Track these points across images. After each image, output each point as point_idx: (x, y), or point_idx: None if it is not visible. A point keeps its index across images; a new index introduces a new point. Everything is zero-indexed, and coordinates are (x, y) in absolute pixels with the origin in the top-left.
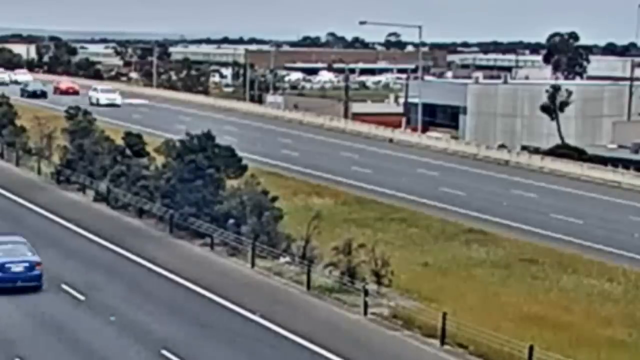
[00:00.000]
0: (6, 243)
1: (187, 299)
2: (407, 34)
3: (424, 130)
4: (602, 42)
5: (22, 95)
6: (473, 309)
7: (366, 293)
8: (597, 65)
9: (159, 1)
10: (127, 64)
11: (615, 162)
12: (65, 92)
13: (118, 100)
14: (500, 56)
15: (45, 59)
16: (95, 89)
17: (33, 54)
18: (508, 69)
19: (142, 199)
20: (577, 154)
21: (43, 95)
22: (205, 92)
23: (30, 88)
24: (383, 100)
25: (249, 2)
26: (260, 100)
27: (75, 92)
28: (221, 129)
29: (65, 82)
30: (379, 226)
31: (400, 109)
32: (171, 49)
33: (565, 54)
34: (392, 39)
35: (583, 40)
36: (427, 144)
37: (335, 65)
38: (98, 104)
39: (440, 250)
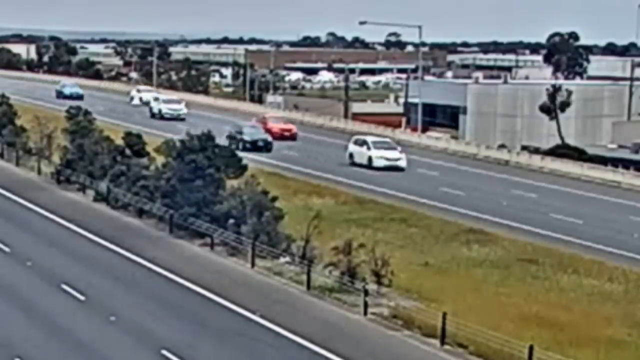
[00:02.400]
0: None
1: (187, 298)
2: (407, 34)
3: (424, 130)
4: (602, 42)
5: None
6: (473, 309)
7: (366, 293)
8: (597, 65)
9: (159, 1)
10: (127, 64)
11: (615, 162)
12: (280, 136)
13: (183, 111)
14: (500, 56)
15: (45, 59)
16: (156, 99)
17: (33, 54)
18: (508, 69)
19: (142, 199)
20: (577, 154)
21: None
22: (205, 92)
23: (249, 137)
24: (383, 100)
25: (249, 2)
26: (260, 100)
27: (293, 136)
28: (221, 129)
29: (275, 119)
30: (379, 226)
31: (400, 109)
32: (171, 49)
33: (565, 54)
34: (392, 39)
35: (583, 40)
36: (427, 144)
37: (335, 65)
38: (161, 116)
39: (440, 250)
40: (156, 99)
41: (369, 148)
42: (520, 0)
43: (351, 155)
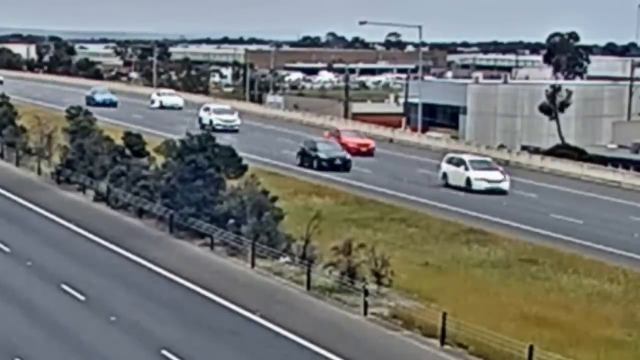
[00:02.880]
0: None
1: (187, 299)
2: (407, 34)
3: (424, 130)
4: (602, 42)
5: None
6: (473, 309)
7: (366, 293)
8: (597, 65)
9: (159, 1)
10: (127, 64)
11: (615, 162)
12: (357, 152)
13: (237, 122)
14: (500, 56)
15: (45, 59)
16: (207, 109)
17: (33, 54)
18: (508, 69)
19: (142, 199)
20: (577, 154)
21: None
22: (206, 92)
23: (325, 154)
24: (383, 100)
25: (249, 2)
26: (260, 100)
27: (370, 152)
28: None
29: (349, 133)
30: (379, 226)
31: (400, 109)
32: (171, 49)
33: (565, 54)
34: (392, 39)
35: (583, 40)
36: (427, 144)
37: (335, 65)
38: (212, 128)
39: (440, 250)
40: (207, 109)
41: (466, 168)
42: (520, 0)
43: (445, 176)
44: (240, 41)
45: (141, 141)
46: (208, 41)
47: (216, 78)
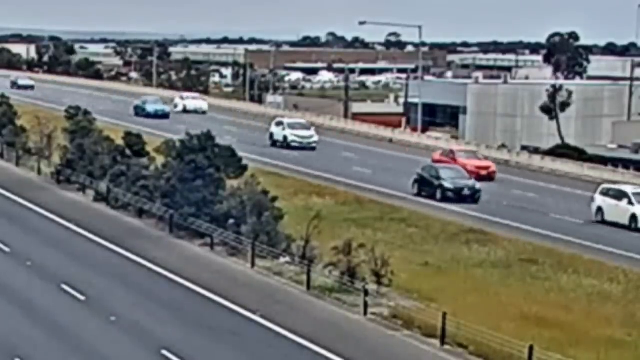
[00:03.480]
0: None
1: (187, 299)
2: (407, 34)
3: (424, 130)
4: (602, 42)
5: None
6: (473, 309)
7: (366, 293)
8: (597, 65)
9: (159, 1)
10: (127, 64)
11: (615, 162)
12: (476, 176)
13: (314, 138)
14: (500, 56)
15: (45, 59)
16: (280, 123)
17: (33, 54)
18: (508, 69)
19: (142, 199)
20: (577, 154)
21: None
22: (206, 92)
23: (450, 183)
24: (383, 100)
25: (249, 2)
26: (260, 100)
27: (491, 176)
28: (221, 128)
29: (466, 154)
30: (379, 226)
31: (400, 109)
32: (171, 49)
33: (565, 54)
34: (392, 39)
35: (583, 40)
36: (427, 144)
37: (335, 65)
38: (287, 145)
39: (440, 250)
40: (279, 124)
41: (631, 202)
42: (520, 0)
43: (599, 210)
44: (240, 41)
45: (141, 141)
46: (208, 41)
47: (216, 78)
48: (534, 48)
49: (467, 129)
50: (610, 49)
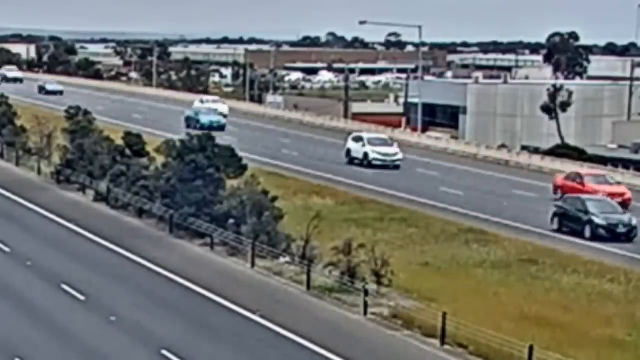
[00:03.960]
0: None
1: (187, 299)
2: (407, 34)
3: (424, 130)
4: (602, 42)
5: None
6: (473, 309)
7: (366, 293)
8: (597, 65)
9: (159, 1)
10: (127, 64)
11: (615, 162)
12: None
13: (399, 156)
14: (500, 56)
15: (45, 59)
16: (358, 139)
17: (33, 54)
18: (508, 69)
19: (142, 199)
20: (577, 154)
21: None
22: (206, 92)
23: (602, 219)
24: (383, 100)
25: (249, 2)
26: (260, 100)
27: (626, 204)
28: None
29: (596, 179)
30: (379, 226)
31: (400, 109)
32: (171, 49)
33: (565, 54)
34: (392, 39)
35: (583, 40)
36: (427, 144)
37: (335, 65)
38: (369, 163)
39: (440, 250)
40: (358, 139)
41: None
42: (520, 0)
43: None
44: (240, 41)
45: (141, 141)
46: (208, 41)
47: (216, 78)
48: (534, 48)
49: (467, 129)
50: (610, 49)
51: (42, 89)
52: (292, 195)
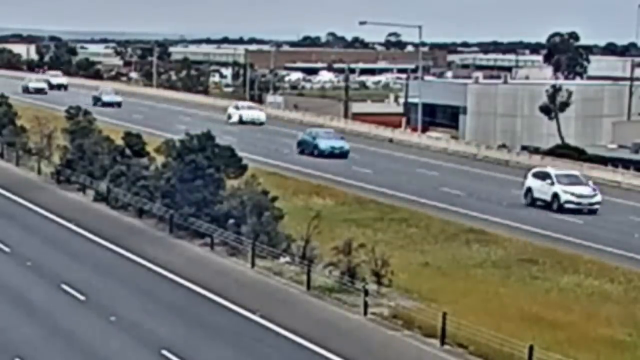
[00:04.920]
0: None
1: (187, 298)
2: (407, 34)
3: (424, 130)
4: (602, 42)
5: None
6: (473, 309)
7: (366, 293)
8: (597, 65)
9: (159, 1)
10: (127, 64)
11: (615, 162)
12: None
13: (598, 198)
14: (500, 56)
15: (46, 59)
16: (544, 175)
17: (33, 54)
18: (508, 69)
19: (142, 199)
20: (577, 154)
21: None
22: (205, 92)
23: None
24: (383, 100)
25: (249, 2)
26: (260, 100)
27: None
28: (221, 128)
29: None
30: (379, 226)
31: (400, 109)
32: (171, 49)
33: (565, 54)
34: (392, 39)
35: (583, 40)
36: (427, 144)
37: (335, 65)
38: (559, 207)
39: (440, 250)
40: (543, 176)
41: None
42: (520, 0)
43: None
44: (240, 41)
45: (141, 141)
46: (208, 41)
47: (216, 78)
48: (534, 48)
49: (467, 129)
50: (610, 49)
51: (97, 100)
52: (292, 195)
